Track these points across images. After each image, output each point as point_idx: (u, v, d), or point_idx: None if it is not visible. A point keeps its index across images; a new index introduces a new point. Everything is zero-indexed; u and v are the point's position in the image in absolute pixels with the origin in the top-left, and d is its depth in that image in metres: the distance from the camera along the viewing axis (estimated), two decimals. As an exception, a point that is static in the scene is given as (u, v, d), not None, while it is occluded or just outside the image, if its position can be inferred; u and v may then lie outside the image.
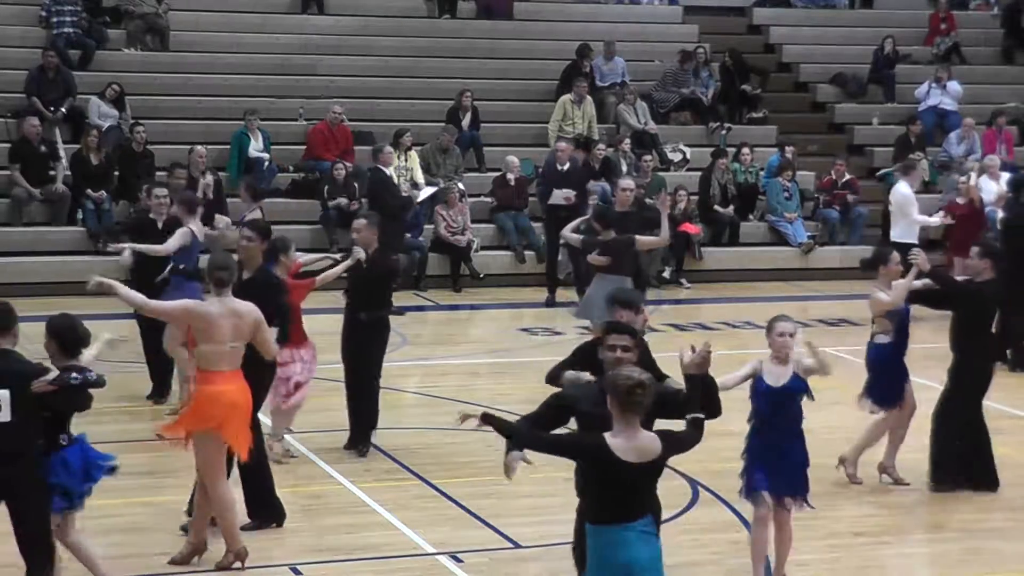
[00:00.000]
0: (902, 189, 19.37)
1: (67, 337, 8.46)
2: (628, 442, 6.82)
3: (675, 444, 7.01)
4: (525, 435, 7.27)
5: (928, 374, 15.63)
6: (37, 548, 8.24)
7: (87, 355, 8.48)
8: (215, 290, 9.38)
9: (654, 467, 6.93)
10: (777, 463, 9.31)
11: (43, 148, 20.86)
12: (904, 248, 19.32)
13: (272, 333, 9.80)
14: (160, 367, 13.88)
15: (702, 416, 7.17)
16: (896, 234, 19.18)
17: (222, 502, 9.40)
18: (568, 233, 14.82)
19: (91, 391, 8.33)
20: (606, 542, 6.87)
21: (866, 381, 11.86)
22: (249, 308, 9.44)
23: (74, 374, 8.20)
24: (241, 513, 9.93)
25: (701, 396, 7.19)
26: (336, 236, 21.41)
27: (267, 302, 9.79)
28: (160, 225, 13.80)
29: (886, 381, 11.69)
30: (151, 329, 13.32)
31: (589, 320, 13.57)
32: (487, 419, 7.14)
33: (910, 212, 19.07)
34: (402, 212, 20.04)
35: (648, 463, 6.87)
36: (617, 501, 6.86)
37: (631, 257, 14.73)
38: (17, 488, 8.12)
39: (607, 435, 6.86)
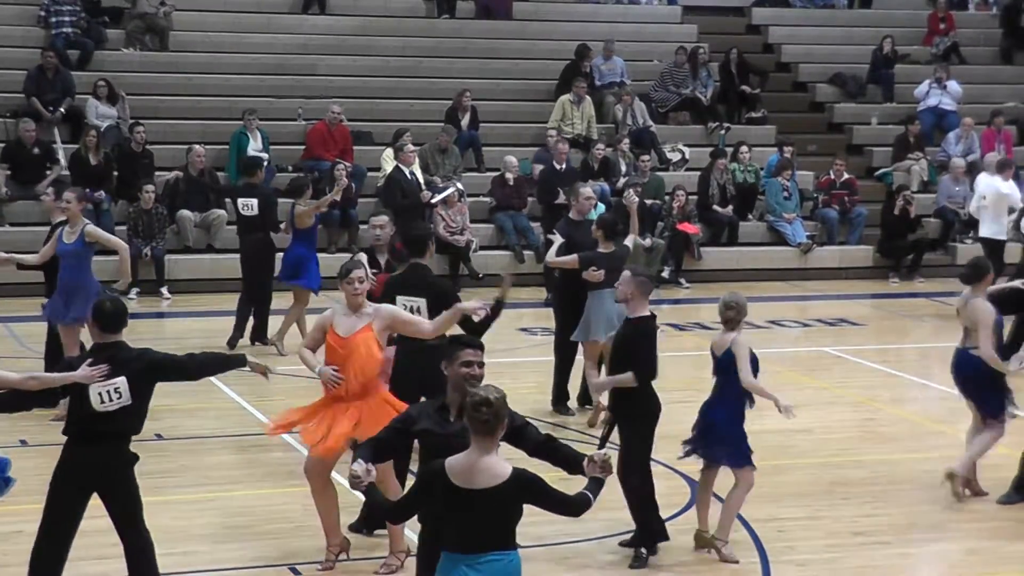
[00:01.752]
0: (1002, 187, 19.55)
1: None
2: (467, 463, 6.42)
3: (542, 494, 6.52)
4: (384, 511, 7.12)
5: (928, 374, 15.68)
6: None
7: None
8: None
9: (496, 497, 6.39)
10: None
11: (36, 150, 20.85)
12: (996, 245, 19.54)
13: None
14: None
15: (592, 497, 6.70)
16: (991, 231, 19.49)
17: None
18: (555, 259, 13.57)
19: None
20: (440, 567, 6.55)
21: (974, 396, 11.45)
22: None
23: None
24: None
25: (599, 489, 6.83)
26: (335, 236, 21.45)
27: None
28: None
29: (994, 390, 11.35)
30: None
31: (598, 338, 13.22)
32: (368, 492, 6.81)
33: (1014, 207, 19.49)
34: (413, 212, 20.09)
35: (488, 489, 6.38)
36: (447, 525, 6.50)
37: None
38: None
39: (449, 459, 6.48)
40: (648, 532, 9.81)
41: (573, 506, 6.66)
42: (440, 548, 6.62)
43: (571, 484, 6.86)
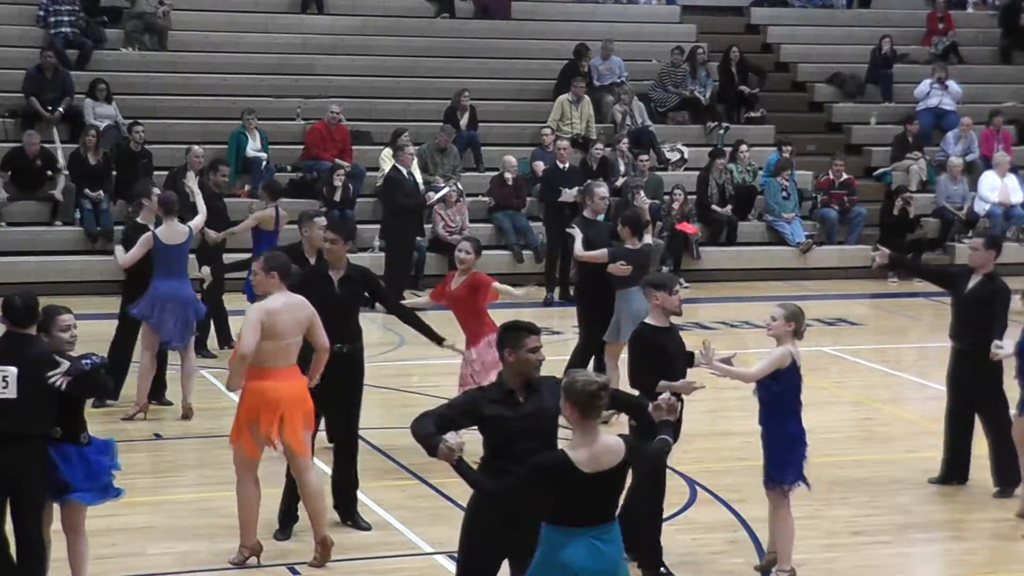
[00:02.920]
0: None
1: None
2: (591, 451, 6.68)
3: (639, 456, 6.89)
4: (491, 489, 7.08)
5: (927, 374, 15.67)
6: (26, 545, 8.21)
7: None
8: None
9: (615, 475, 6.77)
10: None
11: (39, 163, 20.80)
12: None
13: None
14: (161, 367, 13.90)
15: (671, 441, 7.12)
16: None
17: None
18: (585, 252, 13.57)
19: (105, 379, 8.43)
20: (554, 540, 6.73)
21: None
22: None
23: (85, 360, 8.27)
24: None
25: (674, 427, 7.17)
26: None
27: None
28: None
29: None
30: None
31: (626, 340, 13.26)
32: (458, 467, 6.99)
33: None
34: (414, 212, 20.09)
35: (609, 471, 6.72)
36: (573, 508, 6.70)
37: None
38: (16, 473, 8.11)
39: (567, 449, 6.70)
40: (653, 553, 9.55)
41: (662, 454, 7.10)
42: (532, 525, 6.81)
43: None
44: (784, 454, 9.46)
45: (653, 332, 9.49)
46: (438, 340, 11.68)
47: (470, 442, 7.95)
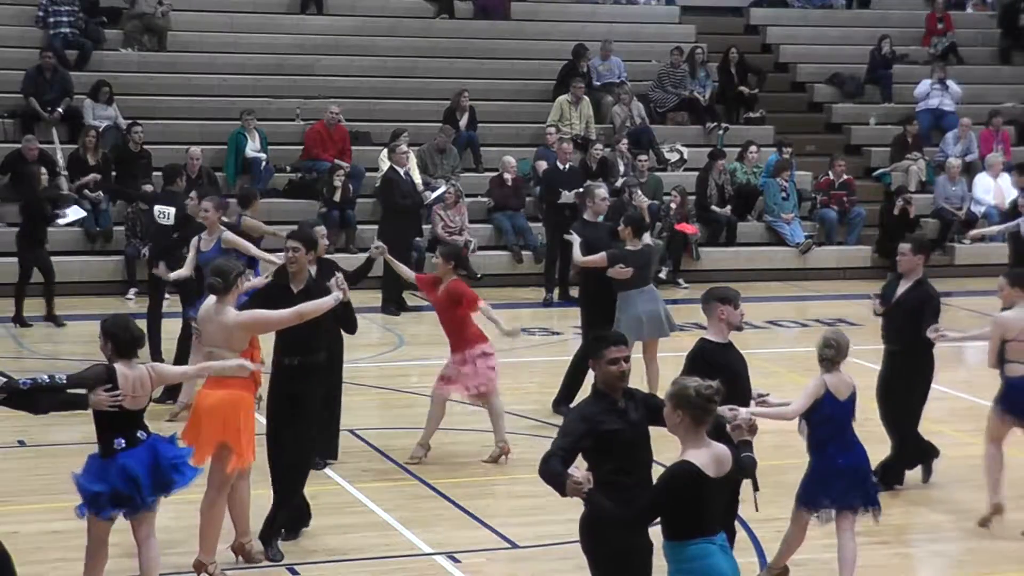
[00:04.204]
0: None
1: (121, 338, 8.42)
2: (711, 456, 6.68)
3: (740, 465, 6.88)
4: (631, 517, 6.83)
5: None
6: None
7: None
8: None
9: (728, 479, 6.82)
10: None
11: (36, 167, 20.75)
12: None
13: None
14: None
15: (754, 457, 7.01)
16: None
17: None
18: (584, 258, 13.43)
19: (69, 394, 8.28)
20: (698, 554, 6.67)
21: None
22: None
23: (26, 380, 8.15)
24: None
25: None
26: (334, 237, 21.40)
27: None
28: None
29: None
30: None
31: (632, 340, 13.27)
32: (590, 499, 6.83)
33: None
34: (411, 212, 20.08)
35: (728, 475, 6.78)
36: (705, 516, 6.70)
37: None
38: None
39: (690, 457, 6.64)
40: None
41: (752, 469, 7.00)
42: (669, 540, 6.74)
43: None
44: (816, 482, 9.46)
45: (715, 348, 9.10)
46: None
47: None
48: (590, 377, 13.53)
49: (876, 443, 13.27)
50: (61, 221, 18.79)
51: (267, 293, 10.08)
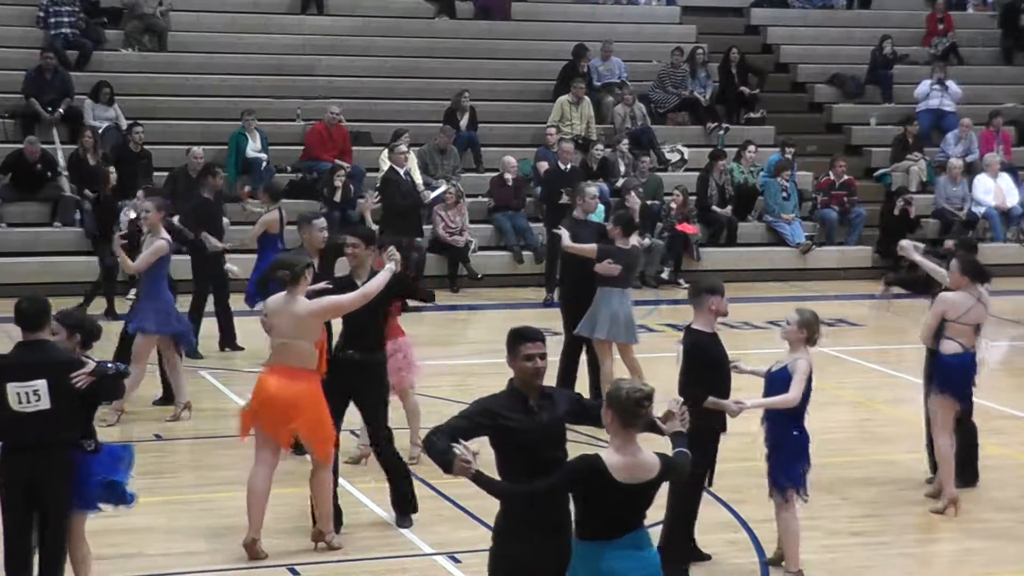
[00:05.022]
0: None
1: (88, 330, 8.45)
2: (626, 461, 6.57)
3: (672, 471, 6.74)
4: (517, 493, 6.85)
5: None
6: (51, 553, 8.12)
7: None
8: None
9: (649, 488, 6.67)
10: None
11: (39, 166, 20.79)
12: None
13: None
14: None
15: (687, 452, 6.88)
16: None
17: None
18: (574, 244, 13.50)
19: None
20: (591, 553, 6.64)
21: None
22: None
23: (109, 363, 8.26)
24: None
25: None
26: (334, 237, 21.40)
27: None
28: None
29: None
30: None
31: (600, 335, 13.29)
32: (477, 479, 6.77)
33: None
34: (411, 212, 20.09)
35: (644, 484, 6.62)
36: (604, 518, 6.62)
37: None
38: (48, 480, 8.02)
39: (603, 454, 6.59)
40: (675, 551, 9.39)
41: (686, 467, 6.85)
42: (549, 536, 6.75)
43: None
44: (793, 460, 9.49)
45: (709, 340, 9.34)
46: None
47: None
48: (584, 376, 13.74)
49: (878, 444, 13.30)
50: (131, 215, 18.43)
51: (337, 288, 10.24)
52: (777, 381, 9.49)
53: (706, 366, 9.33)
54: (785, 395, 9.38)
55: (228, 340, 16.50)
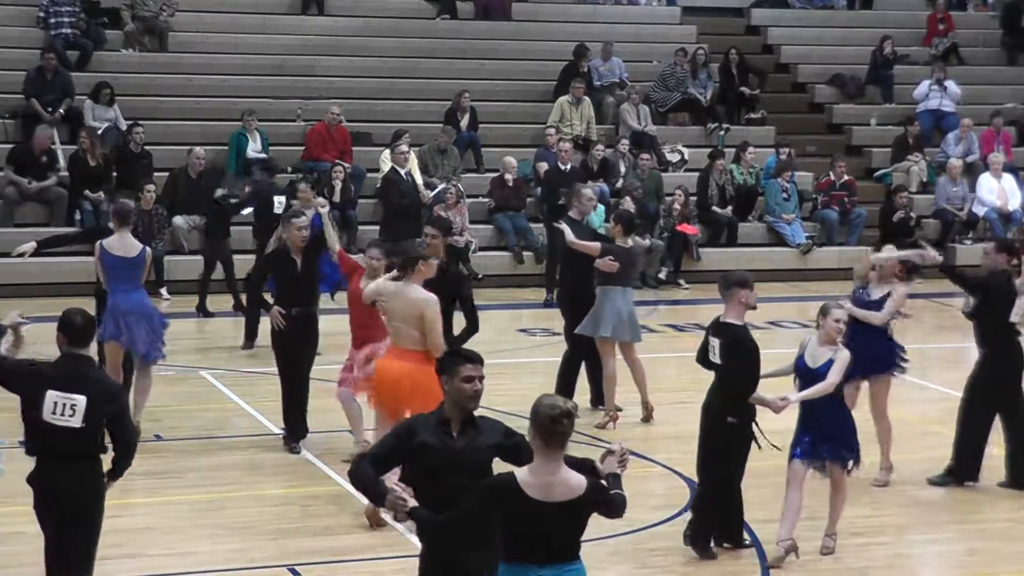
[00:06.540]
0: None
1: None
2: (544, 479, 6.29)
3: (606, 501, 6.42)
4: (432, 523, 6.67)
5: (927, 375, 15.66)
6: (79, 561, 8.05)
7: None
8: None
9: (572, 509, 6.31)
10: (816, 430, 9.84)
11: (44, 159, 20.85)
12: None
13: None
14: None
15: (624, 495, 6.51)
16: None
17: None
18: (578, 240, 13.57)
19: None
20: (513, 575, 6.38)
21: None
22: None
23: None
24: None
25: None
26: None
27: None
28: None
29: None
30: None
31: (606, 334, 13.30)
32: (412, 515, 6.67)
33: None
34: (411, 212, 20.07)
35: (565, 503, 6.29)
36: (525, 540, 6.34)
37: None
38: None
39: (518, 472, 6.36)
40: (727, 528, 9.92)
41: (621, 507, 6.51)
42: (475, 554, 6.68)
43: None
44: (850, 435, 9.95)
45: (745, 331, 9.67)
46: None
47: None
48: (583, 378, 13.74)
49: (876, 444, 13.32)
50: (245, 212, 18.34)
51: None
52: (823, 376, 9.76)
53: (747, 356, 9.58)
54: (822, 383, 9.70)
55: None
